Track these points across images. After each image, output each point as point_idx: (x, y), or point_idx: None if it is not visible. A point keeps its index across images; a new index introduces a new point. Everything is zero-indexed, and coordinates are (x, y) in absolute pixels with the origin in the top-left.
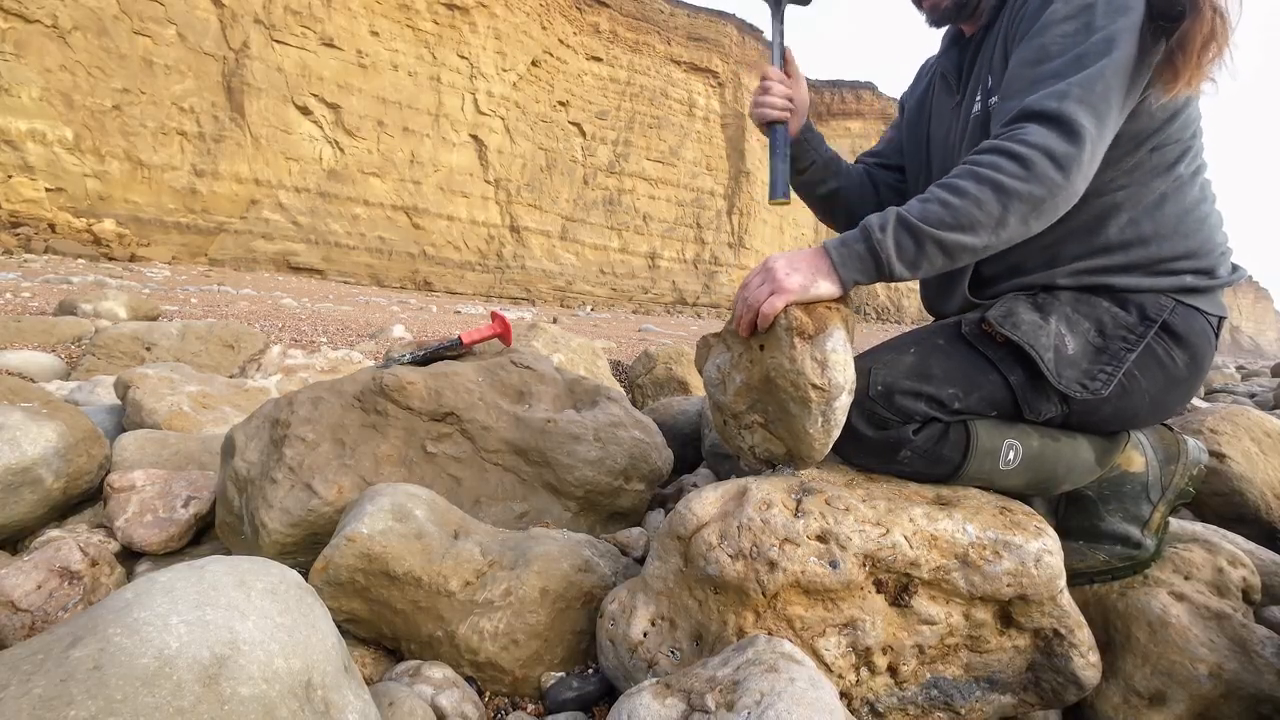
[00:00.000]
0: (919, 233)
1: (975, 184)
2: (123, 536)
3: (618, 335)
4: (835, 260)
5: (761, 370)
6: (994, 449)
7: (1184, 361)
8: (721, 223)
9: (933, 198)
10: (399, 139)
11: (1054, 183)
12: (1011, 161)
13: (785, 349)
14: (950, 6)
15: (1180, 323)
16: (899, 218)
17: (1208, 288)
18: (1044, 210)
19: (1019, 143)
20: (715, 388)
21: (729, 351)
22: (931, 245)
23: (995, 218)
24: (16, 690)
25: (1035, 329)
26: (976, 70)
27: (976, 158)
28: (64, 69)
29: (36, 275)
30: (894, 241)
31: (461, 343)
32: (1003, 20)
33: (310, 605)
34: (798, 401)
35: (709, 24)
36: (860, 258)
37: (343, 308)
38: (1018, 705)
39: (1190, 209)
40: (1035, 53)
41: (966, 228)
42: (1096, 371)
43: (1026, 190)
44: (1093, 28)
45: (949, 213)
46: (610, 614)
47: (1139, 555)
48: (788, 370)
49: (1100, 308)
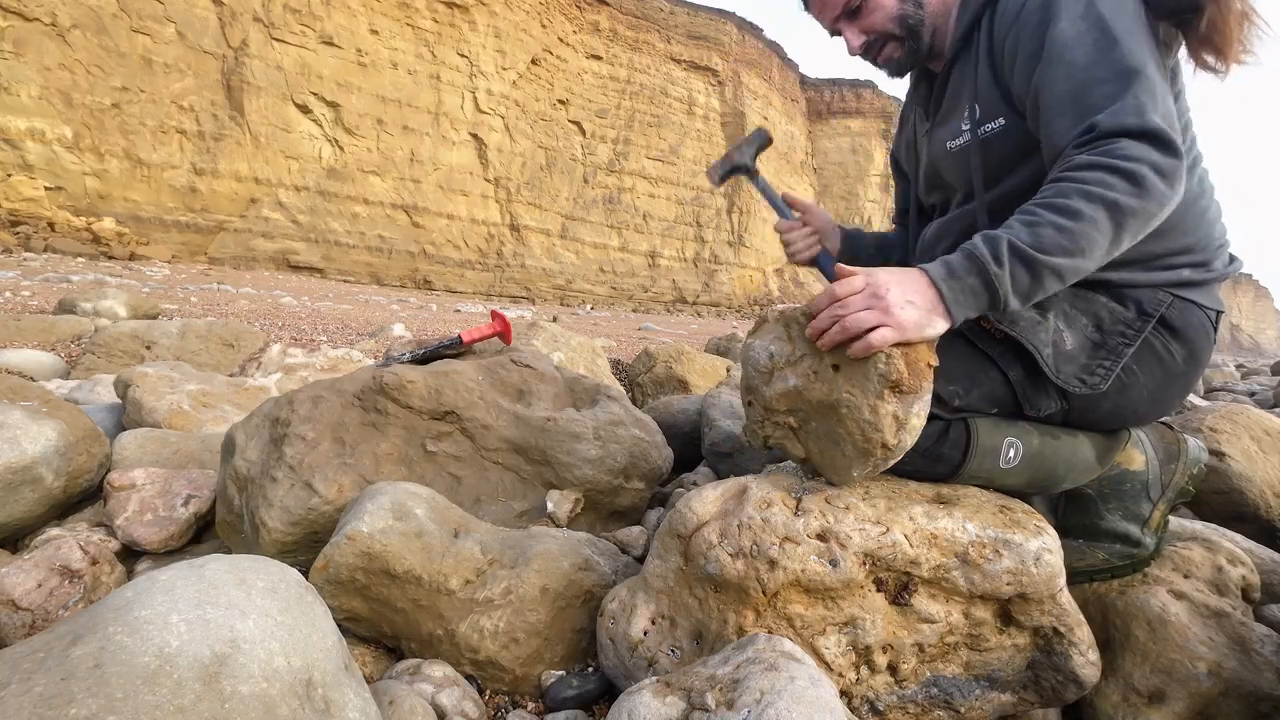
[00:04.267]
0: (1036, 263)
1: (1087, 203)
2: (123, 535)
3: (618, 334)
4: (947, 296)
5: (827, 393)
6: (994, 447)
7: (1182, 356)
8: (721, 221)
9: (1044, 221)
10: (399, 137)
11: (1165, 196)
12: (1122, 179)
13: (870, 395)
14: (902, 58)
15: (1178, 317)
16: (1014, 248)
17: (1204, 281)
18: (1152, 224)
19: (1124, 159)
20: (759, 375)
21: (789, 345)
22: (1049, 275)
23: (1110, 238)
24: (17, 689)
25: (1033, 325)
26: (949, 99)
27: (1081, 174)
28: (63, 67)
29: (36, 274)
30: (1010, 274)
31: (461, 341)
32: (977, 47)
33: (310, 604)
34: (858, 449)
35: (709, 22)
36: (975, 292)
37: (342, 306)
38: (1017, 703)
39: (1189, 203)
40: (1069, 76)
41: (1084, 252)
42: (1095, 366)
43: (1141, 206)
44: (1112, 35)
45: (1066, 237)
46: (610, 612)
47: (1138, 554)
48: (864, 419)
49: (1098, 303)
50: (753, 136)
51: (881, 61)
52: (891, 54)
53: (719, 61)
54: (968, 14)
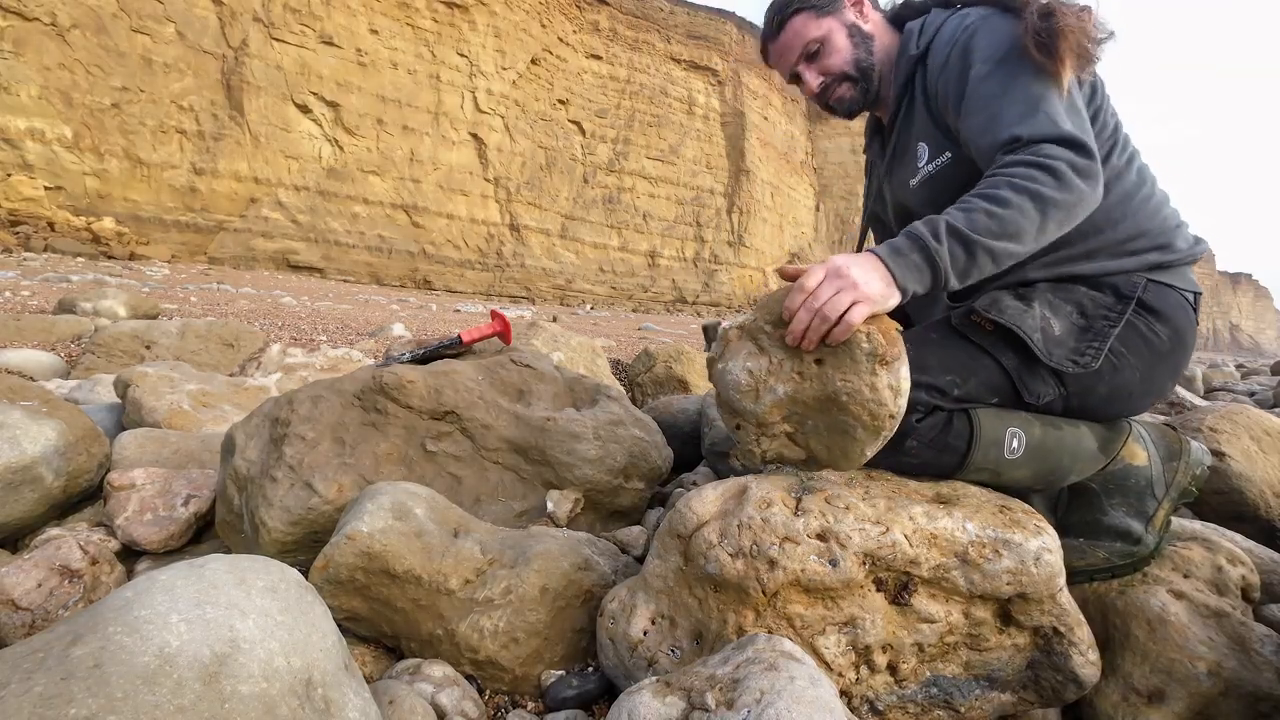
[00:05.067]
0: (971, 242)
1: (1014, 193)
2: (123, 535)
3: (617, 333)
4: (894, 270)
5: (821, 389)
6: (998, 437)
7: (1166, 335)
8: (721, 221)
9: (976, 207)
10: (398, 137)
11: (1082, 190)
12: (1045, 173)
13: (864, 374)
14: (854, 98)
15: (1155, 298)
16: (951, 228)
17: (1172, 263)
18: (1074, 216)
19: (1045, 157)
20: (743, 394)
21: (764, 357)
22: (983, 254)
23: (1037, 225)
24: (17, 688)
25: (1021, 313)
26: (899, 144)
27: (1009, 170)
28: (63, 67)
29: (36, 274)
30: (949, 251)
31: (461, 341)
32: (913, 97)
33: (310, 603)
34: (868, 428)
35: (709, 22)
36: (919, 268)
37: (342, 306)
38: (1017, 703)
39: (1132, 193)
40: (986, 106)
41: (1013, 235)
42: (1084, 348)
43: (1062, 198)
44: (1013, 67)
45: (995, 222)
46: (610, 612)
47: (1139, 551)
48: (866, 398)
49: (1078, 292)
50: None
51: (834, 101)
52: (844, 94)
53: (719, 61)
54: (905, 66)
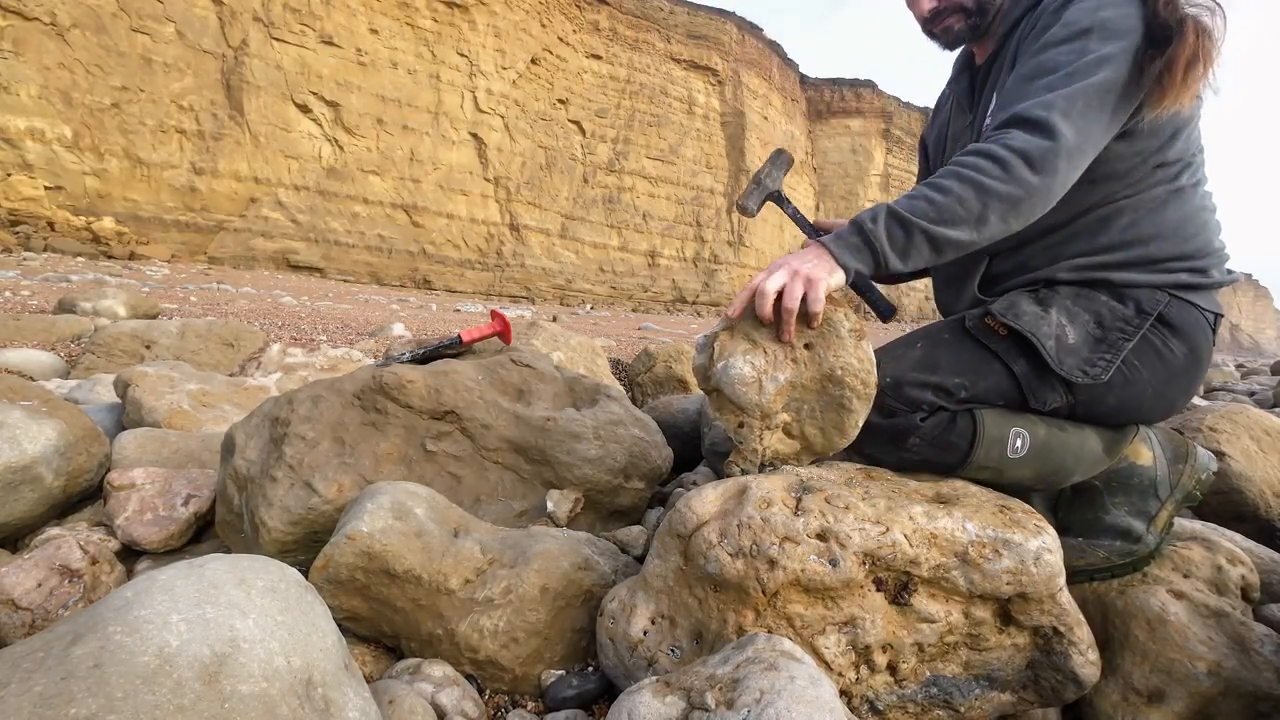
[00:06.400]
0: (907, 224)
1: (958, 183)
2: (123, 535)
3: (617, 333)
4: (834, 251)
5: (818, 370)
6: (1001, 437)
7: (1182, 353)
8: (721, 221)
9: (919, 194)
10: (398, 137)
11: (1030, 184)
12: (991, 163)
13: (850, 348)
14: (964, 29)
15: (1175, 315)
16: (888, 210)
17: (1202, 285)
18: (1021, 210)
19: (1000, 145)
20: (748, 386)
21: (761, 353)
22: (920, 236)
23: (976, 215)
24: (17, 688)
25: (1037, 319)
26: (988, 92)
27: (961, 159)
28: (62, 66)
29: (36, 273)
30: (885, 231)
31: (461, 341)
32: (1010, 46)
33: (310, 603)
34: (861, 396)
35: (709, 22)
36: (856, 248)
37: (342, 306)
38: (1017, 703)
39: (1191, 215)
40: (1033, 69)
41: (949, 222)
42: (1096, 359)
43: (1005, 190)
44: (1086, 50)
45: (933, 208)
46: (610, 612)
47: (1139, 551)
48: (858, 369)
49: (1098, 301)
50: (778, 160)
51: (939, 30)
52: (953, 24)
53: (719, 61)
54: (1017, 10)
